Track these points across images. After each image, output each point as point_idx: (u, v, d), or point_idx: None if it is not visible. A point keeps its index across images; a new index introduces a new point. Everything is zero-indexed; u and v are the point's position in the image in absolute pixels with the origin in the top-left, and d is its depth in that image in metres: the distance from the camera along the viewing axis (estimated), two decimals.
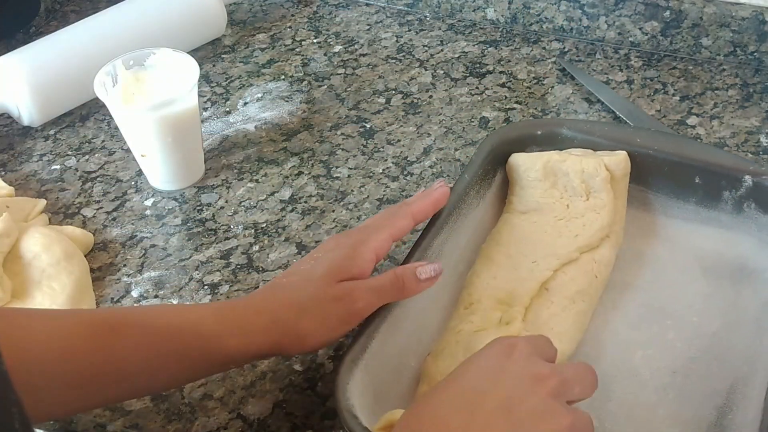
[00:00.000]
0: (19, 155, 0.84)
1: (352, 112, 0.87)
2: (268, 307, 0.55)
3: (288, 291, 0.55)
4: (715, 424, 0.56)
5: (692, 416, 0.57)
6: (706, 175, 0.67)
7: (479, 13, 0.98)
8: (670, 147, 0.68)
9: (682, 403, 0.58)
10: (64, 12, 1.04)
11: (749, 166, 0.66)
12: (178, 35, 0.91)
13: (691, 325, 0.62)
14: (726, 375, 0.59)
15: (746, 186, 0.65)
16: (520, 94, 0.87)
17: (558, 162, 0.68)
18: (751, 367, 0.59)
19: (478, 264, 0.65)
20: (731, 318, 0.63)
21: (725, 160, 0.68)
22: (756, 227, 0.66)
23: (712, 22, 0.88)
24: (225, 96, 0.90)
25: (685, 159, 0.67)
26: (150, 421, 0.60)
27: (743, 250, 0.66)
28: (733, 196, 0.66)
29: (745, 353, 0.60)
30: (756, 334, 0.61)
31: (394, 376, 0.58)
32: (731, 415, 0.56)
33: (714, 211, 0.67)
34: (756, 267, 0.65)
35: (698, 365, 0.60)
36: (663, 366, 0.60)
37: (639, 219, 0.69)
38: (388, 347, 0.57)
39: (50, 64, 0.84)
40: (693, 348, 0.61)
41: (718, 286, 0.65)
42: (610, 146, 0.69)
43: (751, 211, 0.66)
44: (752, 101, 0.85)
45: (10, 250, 0.68)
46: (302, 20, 1.01)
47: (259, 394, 0.62)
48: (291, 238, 0.73)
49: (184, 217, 0.76)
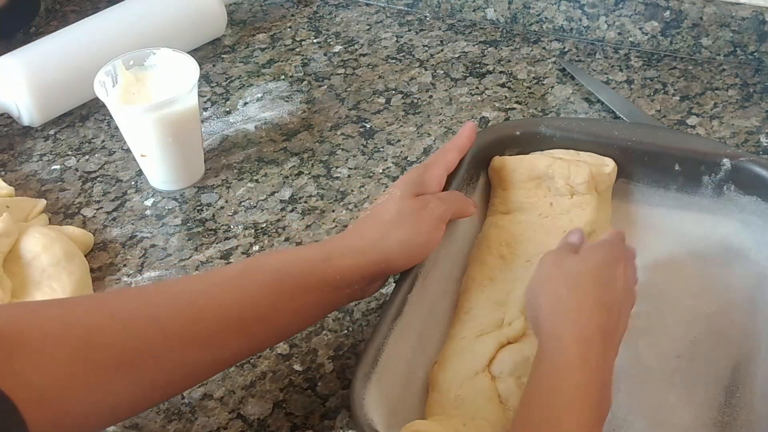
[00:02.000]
0: (19, 155, 0.84)
1: (352, 112, 0.87)
2: (364, 231, 0.60)
3: (376, 215, 0.61)
4: (725, 404, 0.58)
5: (702, 399, 0.58)
6: (685, 162, 0.69)
7: (479, 13, 0.98)
8: (648, 137, 0.70)
9: (690, 387, 0.59)
10: (64, 12, 1.04)
11: (726, 150, 0.68)
12: (178, 35, 0.90)
13: (688, 309, 0.64)
14: (728, 355, 0.60)
15: (725, 169, 0.67)
16: (520, 94, 0.87)
17: (544, 167, 0.69)
18: (751, 345, 0.61)
19: (471, 269, 0.66)
20: (724, 298, 0.64)
21: (703, 145, 0.70)
22: (737, 208, 0.68)
23: (712, 22, 0.88)
24: (225, 96, 0.90)
25: (663, 148, 0.69)
26: (150, 421, 0.60)
27: (727, 231, 0.68)
28: (713, 180, 0.68)
29: (743, 332, 0.62)
30: (751, 312, 0.63)
31: (404, 387, 0.58)
32: (739, 394, 0.58)
33: (695, 196, 0.69)
34: (741, 246, 0.67)
35: (700, 348, 0.61)
36: (667, 352, 0.61)
37: (623, 210, 0.70)
38: (395, 359, 0.57)
39: (50, 64, 0.84)
40: (693, 331, 0.62)
41: (707, 269, 0.67)
42: (589, 141, 0.70)
43: (731, 193, 0.68)
44: (752, 101, 0.85)
45: (10, 250, 0.68)
46: (302, 20, 1.01)
47: (259, 394, 0.62)
48: (291, 238, 0.73)
49: (184, 217, 0.76)
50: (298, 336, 0.65)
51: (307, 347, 0.65)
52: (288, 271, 0.56)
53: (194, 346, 0.51)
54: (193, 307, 0.52)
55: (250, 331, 0.54)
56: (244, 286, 0.54)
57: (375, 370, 0.55)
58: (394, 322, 0.57)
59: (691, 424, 0.57)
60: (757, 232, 0.67)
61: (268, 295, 0.54)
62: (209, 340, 0.52)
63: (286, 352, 0.64)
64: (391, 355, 0.56)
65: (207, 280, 0.56)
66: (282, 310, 0.55)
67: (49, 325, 0.47)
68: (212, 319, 0.52)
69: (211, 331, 0.52)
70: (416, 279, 0.60)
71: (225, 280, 0.55)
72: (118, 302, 0.52)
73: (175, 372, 0.51)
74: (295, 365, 0.63)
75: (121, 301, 0.52)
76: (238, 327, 0.53)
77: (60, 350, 0.46)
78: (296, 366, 0.63)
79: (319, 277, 0.56)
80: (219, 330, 0.52)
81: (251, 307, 0.54)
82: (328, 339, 0.65)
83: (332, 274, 0.56)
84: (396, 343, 0.57)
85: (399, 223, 0.59)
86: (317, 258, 0.57)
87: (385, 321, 0.57)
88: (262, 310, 0.54)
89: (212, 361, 0.53)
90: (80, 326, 0.48)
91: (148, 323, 0.50)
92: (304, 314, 0.57)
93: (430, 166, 0.65)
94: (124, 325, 0.49)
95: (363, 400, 0.52)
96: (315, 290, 0.56)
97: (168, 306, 0.52)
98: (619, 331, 0.55)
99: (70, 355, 0.46)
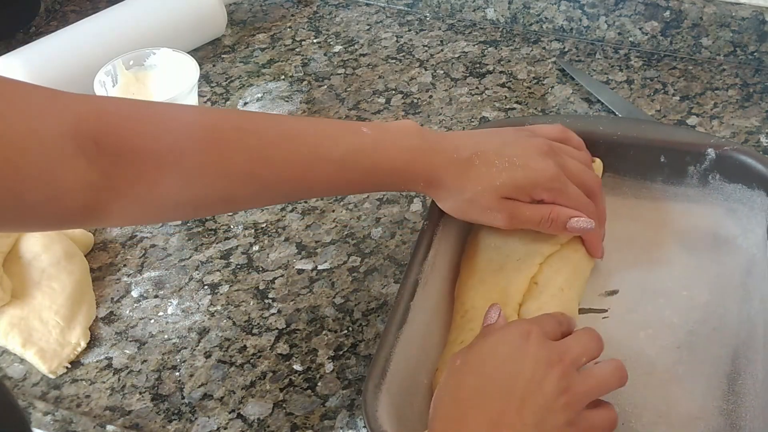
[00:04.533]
0: None
1: (352, 112, 0.87)
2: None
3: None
4: (729, 392, 0.58)
5: (706, 388, 0.59)
6: (670, 154, 0.69)
7: (479, 13, 0.98)
8: (633, 131, 0.71)
9: (693, 377, 0.59)
10: (64, 12, 1.04)
11: (710, 140, 0.69)
12: (178, 35, 0.90)
13: (683, 300, 0.64)
14: (727, 342, 0.61)
15: (709, 159, 0.68)
16: (520, 94, 0.87)
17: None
18: (748, 332, 0.61)
19: (464, 273, 0.66)
20: (718, 286, 0.65)
21: (687, 136, 0.71)
22: (722, 197, 0.69)
23: (712, 22, 0.88)
24: (225, 96, 0.90)
25: (648, 141, 0.70)
26: (150, 421, 0.60)
27: (714, 220, 0.69)
28: (698, 170, 0.69)
29: (739, 318, 0.62)
30: (745, 299, 0.63)
31: (410, 395, 0.58)
32: (741, 381, 0.59)
33: (681, 187, 0.70)
34: (728, 234, 0.68)
35: (699, 338, 0.62)
36: (667, 343, 0.62)
37: (610, 204, 0.71)
38: (402, 368, 0.57)
39: (50, 64, 0.84)
40: (690, 321, 0.63)
41: (698, 258, 0.67)
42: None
43: (716, 182, 0.69)
44: (752, 101, 0.85)
45: (10, 250, 0.68)
46: (302, 20, 1.01)
47: (259, 394, 0.62)
48: (291, 238, 0.73)
49: None
50: (298, 336, 0.65)
51: (307, 347, 0.65)
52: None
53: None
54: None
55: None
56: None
57: (384, 381, 0.55)
58: (399, 330, 0.57)
59: (697, 413, 0.57)
60: (743, 219, 0.68)
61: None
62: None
63: (286, 352, 0.64)
64: (398, 363, 0.56)
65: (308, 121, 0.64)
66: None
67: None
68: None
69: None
70: (417, 285, 0.60)
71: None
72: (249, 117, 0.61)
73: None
74: (295, 365, 0.63)
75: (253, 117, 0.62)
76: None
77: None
78: (296, 366, 0.63)
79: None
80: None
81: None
82: (328, 339, 0.65)
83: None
84: (402, 351, 0.57)
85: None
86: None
87: (391, 330, 0.57)
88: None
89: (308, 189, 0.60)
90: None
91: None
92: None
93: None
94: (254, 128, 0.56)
95: (376, 412, 0.52)
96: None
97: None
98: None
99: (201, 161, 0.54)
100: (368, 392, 0.53)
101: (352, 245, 0.72)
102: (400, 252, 0.71)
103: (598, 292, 0.65)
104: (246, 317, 0.67)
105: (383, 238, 0.73)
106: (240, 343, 0.65)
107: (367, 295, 0.68)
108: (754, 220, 0.67)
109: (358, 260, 0.71)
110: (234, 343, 0.65)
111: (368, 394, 0.53)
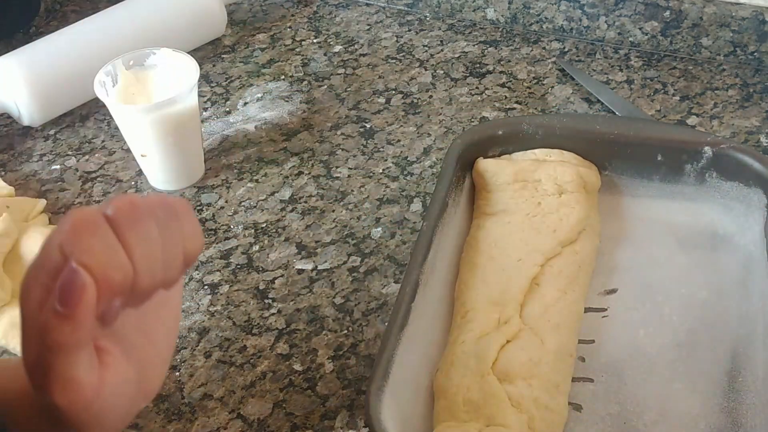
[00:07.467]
0: (19, 155, 0.84)
1: (352, 112, 0.87)
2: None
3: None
4: (730, 390, 0.58)
5: (706, 385, 0.59)
6: (667, 152, 0.70)
7: (479, 13, 0.98)
8: (629, 130, 0.71)
9: (693, 375, 0.60)
10: (64, 12, 1.04)
11: (707, 138, 0.69)
12: (178, 35, 0.90)
13: (682, 297, 0.65)
14: (726, 340, 0.61)
15: (706, 157, 0.69)
16: (520, 94, 0.87)
17: (530, 172, 0.69)
18: (747, 329, 0.61)
19: (464, 272, 0.66)
20: (715, 284, 0.65)
21: (684, 135, 0.71)
22: (719, 195, 0.70)
23: (712, 22, 0.88)
24: (225, 96, 0.90)
25: (645, 139, 0.70)
26: (150, 421, 0.60)
27: (711, 218, 0.70)
28: (695, 168, 0.69)
29: (738, 315, 0.63)
30: (743, 296, 0.64)
31: (412, 396, 0.58)
32: (741, 378, 0.59)
33: (678, 185, 0.71)
34: (726, 232, 0.69)
35: (698, 335, 0.62)
36: (666, 341, 0.62)
37: (607, 202, 0.71)
38: (404, 370, 0.57)
39: (50, 64, 0.84)
40: (689, 319, 0.63)
41: (695, 256, 0.68)
42: (572, 137, 0.71)
43: (713, 180, 0.69)
44: (752, 101, 0.85)
45: (10, 250, 0.68)
46: (302, 20, 1.01)
47: (259, 394, 0.62)
48: (291, 238, 0.73)
49: None
50: (298, 336, 0.65)
51: (307, 347, 0.65)
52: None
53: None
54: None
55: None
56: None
57: (387, 383, 0.55)
58: (400, 332, 0.57)
59: (699, 411, 0.57)
60: (740, 216, 0.68)
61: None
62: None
63: (286, 352, 0.64)
64: (400, 365, 0.56)
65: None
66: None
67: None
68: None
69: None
70: (417, 286, 0.60)
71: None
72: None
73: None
74: (295, 365, 0.63)
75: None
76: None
77: None
78: (296, 366, 0.63)
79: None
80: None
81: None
82: (328, 339, 0.65)
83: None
84: (404, 353, 0.57)
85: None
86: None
87: (392, 332, 0.57)
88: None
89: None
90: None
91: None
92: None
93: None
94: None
95: (380, 415, 0.52)
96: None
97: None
98: None
99: None
100: (371, 394, 0.53)
101: (352, 245, 0.72)
102: (400, 252, 0.71)
103: (597, 291, 0.66)
104: (246, 317, 0.67)
105: (383, 238, 0.73)
106: (240, 343, 0.65)
107: (367, 295, 0.68)
108: (751, 218, 0.68)
109: (358, 260, 0.71)
110: (234, 343, 0.65)
111: (371, 396, 0.53)
